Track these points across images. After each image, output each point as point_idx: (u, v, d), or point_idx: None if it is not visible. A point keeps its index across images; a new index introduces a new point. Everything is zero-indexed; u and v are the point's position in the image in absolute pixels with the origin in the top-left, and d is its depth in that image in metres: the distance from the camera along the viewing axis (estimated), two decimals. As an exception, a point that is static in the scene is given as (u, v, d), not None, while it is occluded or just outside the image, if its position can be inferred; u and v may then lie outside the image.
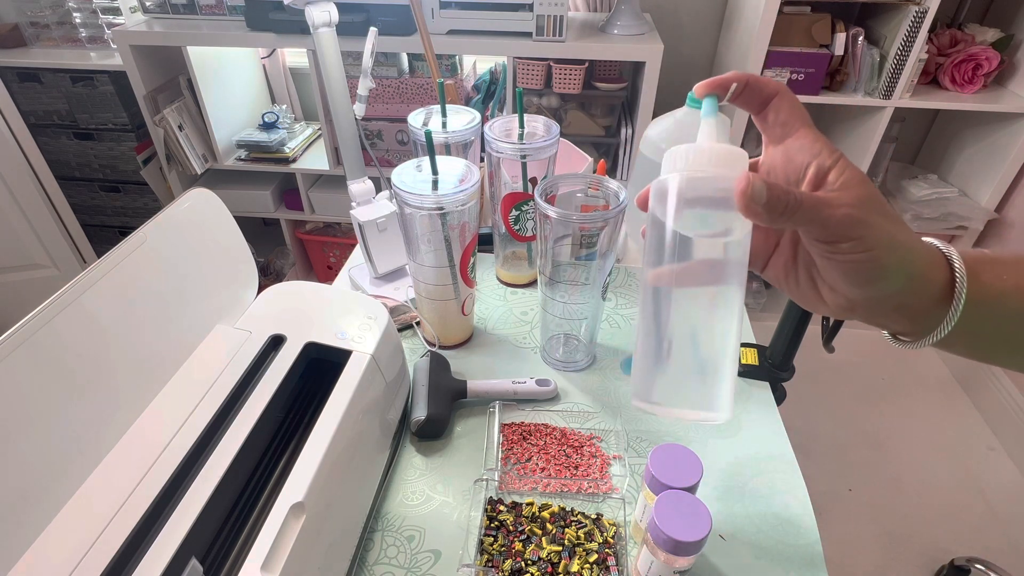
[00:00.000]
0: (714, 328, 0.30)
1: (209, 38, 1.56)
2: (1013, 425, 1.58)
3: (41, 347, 0.38)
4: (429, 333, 0.74)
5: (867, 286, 0.28)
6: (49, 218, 1.75)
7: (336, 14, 0.70)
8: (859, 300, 0.29)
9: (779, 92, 0.30)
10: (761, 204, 0.26)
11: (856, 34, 1.48)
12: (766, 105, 0.30)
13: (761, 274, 0.34)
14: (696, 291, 0.30)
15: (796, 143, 0.29)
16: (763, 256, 0.33)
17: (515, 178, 0.73)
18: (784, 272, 0.33)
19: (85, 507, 0.38)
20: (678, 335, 0.30)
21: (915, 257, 0.28)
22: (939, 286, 0.28)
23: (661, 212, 0.29)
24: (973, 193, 1.68)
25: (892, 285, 0.28)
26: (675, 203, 0.29)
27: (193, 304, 0.52)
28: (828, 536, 0.67)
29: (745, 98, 0.30)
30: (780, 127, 0.30)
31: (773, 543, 0.53)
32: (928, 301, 0.28)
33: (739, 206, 0.26)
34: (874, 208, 0.27)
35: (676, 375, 0.30)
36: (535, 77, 1.55)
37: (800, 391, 1.70)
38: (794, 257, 0.32)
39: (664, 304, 0.30)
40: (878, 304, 0.29)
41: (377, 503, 0.56)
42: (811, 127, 0.29)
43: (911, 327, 0.30)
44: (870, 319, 0.30)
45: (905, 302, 0.29)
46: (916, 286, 0.28)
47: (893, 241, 0.27)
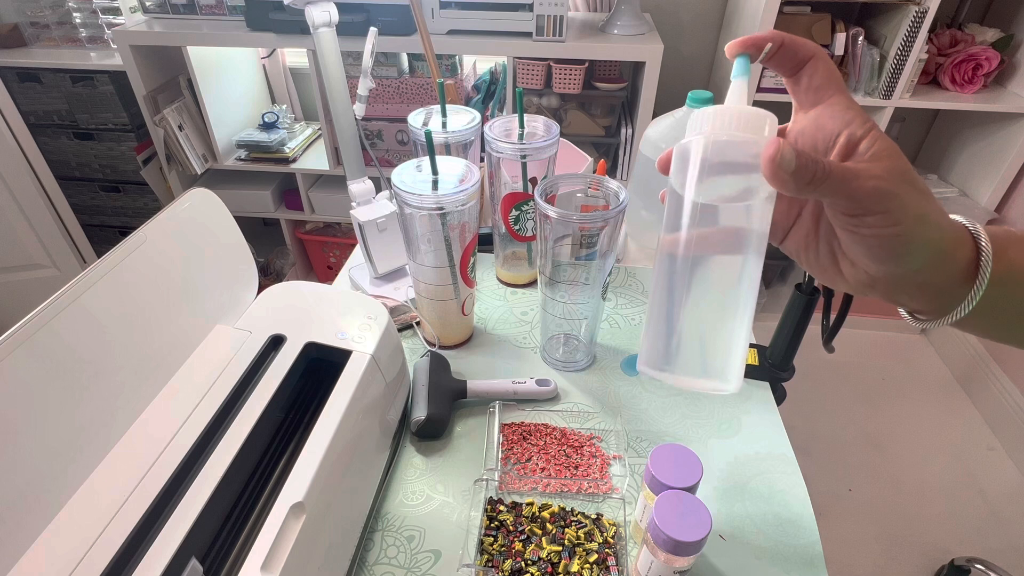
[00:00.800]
0: (729, 297, 0.29)
1: (209, 38, 1.56)
2: (1013, 425, 1.58)
3: (41, 347, 0.38)
4: (429, 333, 0.74)
5: (891, 262, 0.27)
6: (49, 218, 1.75)
7: (336, 14, 0.70)
8: (881, 276, 0.28)
9: (815, 55, 0.29)
10: (789, 172, 0.25)
11: (856, 34, 1.48)
12: (800, 68, 0.29)
13: (780, 246, 0.33)
14: (713, 259, 0.29)
15: (828, 110, 0.28)
16: (783, 227, 0.32)
17: (515, 178, 0.73)
18: (804, 244, 0.32)
19: (85, 507, 0.38)
20: (691, 303, 0.29)
21: (942, 234, 0.27)
22: (964, 264, 0.28)
23: (682, 175, 0.28)
24: (973, 193, 1.68)
25: (917, 261, 0.27)
26: (698, 166, 0.27)
27: (193, 304, 0.52)
28: (828, 536, 0.68)
29: (779, 59, 0.29)
30: (813, 92, 0.29)
31: (773, 543, 0.53)
32: (951, 279, 0.28)
33: (765, 173, 0.25)
34: (904, 180, 0.26)
35: (687, 343, 0.30)
36: (535, 77, 1.55)
37: (800, 391, 1.70)
38: (816, 229, 0.31)
39: (679, 271, 0.29)
40: (900, 280, 0.28)
41: (377, 503, 0.56)
42: (845, 94, 0.28)
43: (931, 305, 0.29)
44: (890, 296, 0.30)
45: (928, 279, 0.28)
46: (940, 263, 0.27)
47: (922, 216, 0.26)
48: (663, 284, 0.30)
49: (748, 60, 0.29)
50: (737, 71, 0.29)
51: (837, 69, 0.29)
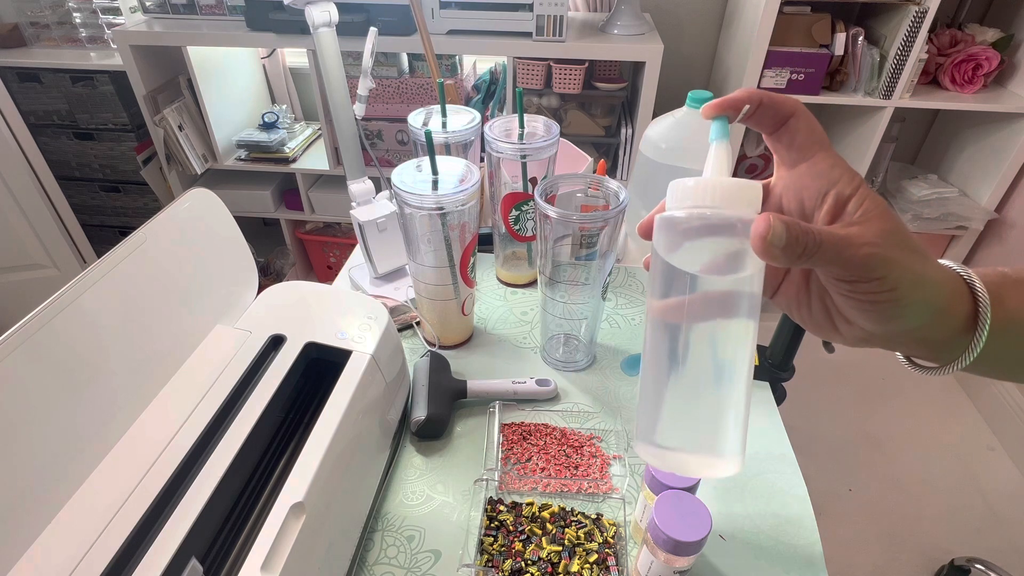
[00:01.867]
0: (724, 367, 0.28)
1: (209, 38, 1.56)
2: (1013, 425, 1.57)
3: (41, 347, 0.38)
4: (429, 333, 0.74)
5: (888, 323, 0.26)
6: (49, 218, 1.75)
7: (336, 14, 0.70)
8: (878, 334, 0.28)
9: (795, 112, 0.28)
10: (780, 248, 0.24)
11: (856, 34, 1.48)
12: (781, 125, 0.28)
13: (771, 300, 0.32)
14: (705, 326, 0.27)
15: (813, 168, 0.27)
16: (772, 283, 0.32)
17: (515, 178, 0.73)
18: (796, 300, 0.31)
19: (85, 507, 0.38)
20: (686, 373, 0.28)
21: (939, 291, 0.26)
22: (962, 318, 0.27)
23: (666, 248, 0.27)
24: (973, 193, 1.68)
25: (914, 321, 0.26)
26: (682, 241, 0.27)
27: (193, 304, 0.52)
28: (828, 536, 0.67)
29: (758, 118, 0.28)
30: (796, 150, 0.28)
31: (773, 543, 0.53)
32: (950, 333, 0.27)
33: (756, 249, 0.24)
34: (897, 243, 0.25)
35: (681, 416, 0.28)
36: (535, 77, 1.55)
37: (800, 391, 1.70)
38: (806, 286, 0.31)
39: (670, 339, 0.28)
40: (899, 337, 0.28)
41: (377, 503, 0.56)
42: (829, 150, 0.27)
43: (932, 356, 0.29)
44: (888, 348, 0.29)
45: (927, 336, 0.27)
46: (939, 321, 0.27)
47: (917, 278, 0.25)
48: (654, 355, 0.29)
49: (726, 122, 0.28)
50: (715, 134, 0.27)
51: (819, 124, 0.28)
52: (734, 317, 0.27)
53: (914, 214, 1.68)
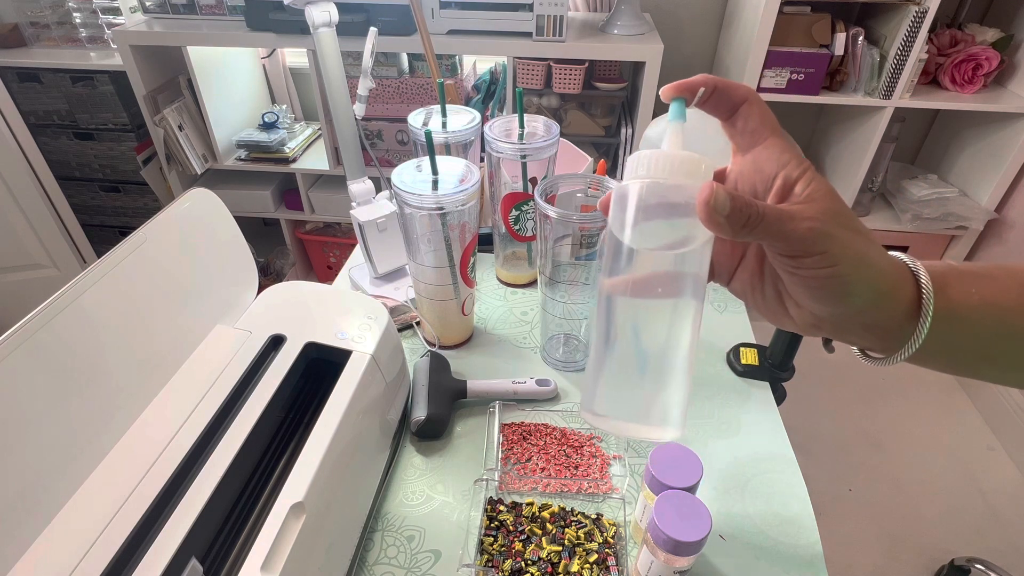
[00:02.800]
0: (667, 341, 0.29)
1: (209, 38, 1.56)
2: (1013, 425, 1.58)
3: (41, 347, 0.38)
4: (429, 333, 0.74)
5: (833, 303, 0.27)
6: (49, 218, 1.76)
7: (336, 14, 0.70)
8: (826, 317, 0.28)
9: (748, 98, 0.29)
10: (723, 215, 0.25)
11: (856, 34, 1.48)
12: (735, 111, 0.29)
13: (727, 287, 0.33)
14: (651, 302, 0.28)
15: (764, 152, 0.28)
16: (728, 269, 0.33)
17: (515, 178, 0.73)
18: (750, 286, 0.32)
19: (85, 507, 0.38)
20: (629, 346, 0.29)
21: (883, 274, 0.27)
22: (906, 303, 0.28)
23: (620, 219, 0.28)
24: (973, 193, 1.68)
25: (858, 302, 0.27)
26: (634, 210, 0.28)
27: (193, 304, 0.52)
28: (828, 536, 0.68)
29: (713, 103, 0.29)
30: (749, 135, 0.29)
31: (773, 543, 0.53)
32: (896, 318, 0.28)
33: (700, 216, 0.25)
34: (840, 222, 0.26)
35: (622, 386, 0.29)
36: (535, 77, 1.55)
37: (800, 391, 1.70)
38: (760, 271, 0.31)
39: (618, 313, 0.29)
40: (845, 322, 0.28)
41: (377, 503, 0.56)
42: (780, 135, 0.29)
43: (880, 344, 0.29)
44: (838, 336, 0.30)
45: (873, 320, 0.28)
46: (883, 304, 0.27)
47: (860, 257, 0.26)
48: (603, 328, 0.29)
49: (683, 104, 0.29)
50: (673, 115, 0.29)
51: (771, 111, 0.29)
52: (680, 296, 0.28)
53: (914, 214, 1.68)
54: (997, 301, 0.28)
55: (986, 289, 0.28)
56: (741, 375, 0.70)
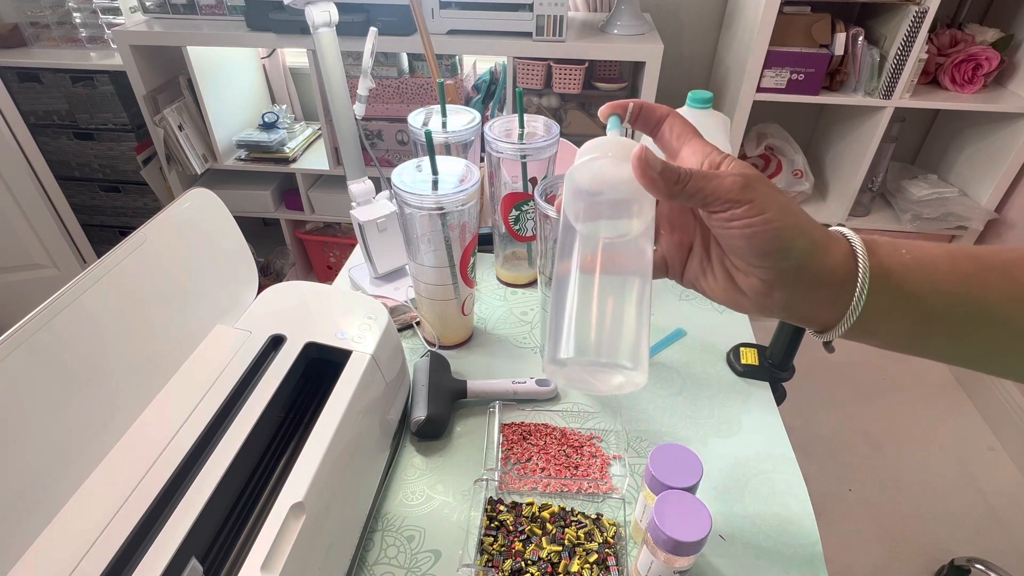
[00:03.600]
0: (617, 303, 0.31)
1: (209, 38, 1.56)
2: (1013, 425, 1.58)
3: (41, 347, 0.38)
4: (429, 333, 0.74)
5: (771, 253, 0.29)
6: (49, 218, 1.75)
7: (336, 14, 0.70)
8: (772, 279, 0.30)
9: (670, 113, 0.34)
10: (657, 171, 0.29)
11: (856, 34, 1.48)
12: (660, 125, 0.34)
13: (681, 282, 0.36)
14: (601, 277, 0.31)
15: (689, 149, 0.32)
16: (679, 262, 0.35)
17: (515, 178, 0.73)
18: (701, 270, 0.34)
19: (85, 507, 0.38)
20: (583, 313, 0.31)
21: (811, 225, 0.29)
22: (842, 258, 0.29)
23: (571, 202, 0.32)
24: (973, 193, 1.68)
25: (795, 251, 0.29)
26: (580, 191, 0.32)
27: (193, 304, 0.52)
28: (828, 536, 0.68)
29: (642, 120, 0.34)
30: (675, 139, 0.33)
31: (773, 543, 0.53)
32: (836, 273, 0.29)
33: (636, 172, 0.29)
34: (760, 181, 0.29)
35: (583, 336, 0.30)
36: (535, 77, 1.55)
37: (800, 391, 1.70)
38: (707, 255, 0.34)
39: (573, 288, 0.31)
40: (790, 279, 0.29)
41: (377, 503, 0.56)
42: (701, 137, 0.33)
43: (829, 312, 0.30)
44: (789, 305, 0.31)
45: (814, 275, 0.29)
46: (820, 255, 0.29)
47: (784, 206, 0.28)
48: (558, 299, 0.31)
49: (619, 119, 0.34)
50: (610, 128, 0.34)
51: (689, 122, 0.34)
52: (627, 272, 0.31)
53: (914, 214, 1.68)
54: (928, 262, 0.30)
55: (916, 251, 0.30)
56: (741, 375, 0.70)
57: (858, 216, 1.75)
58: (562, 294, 0.31)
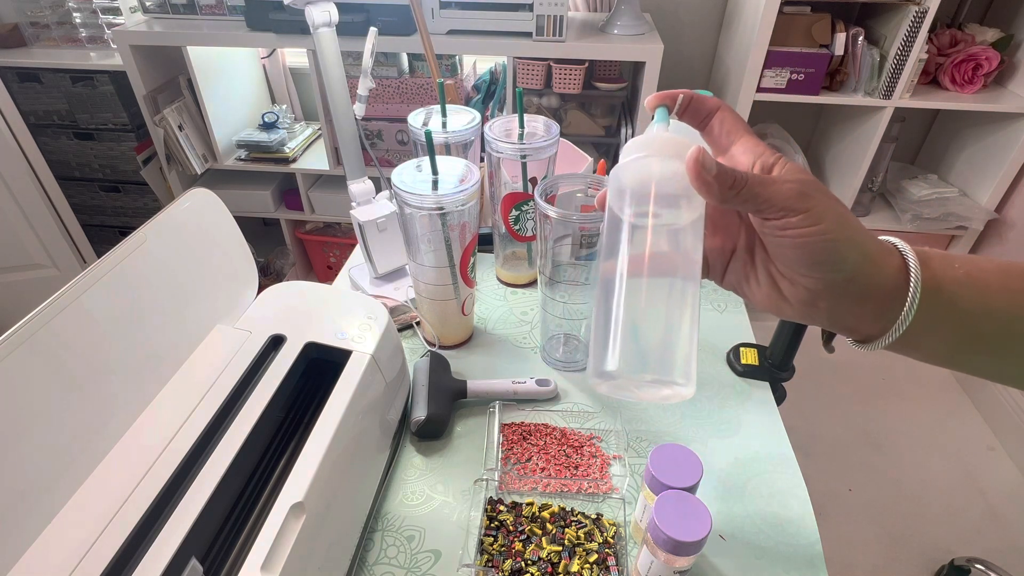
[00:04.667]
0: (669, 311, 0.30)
1: (209, 38, 1.56)
2: (1013, 425, 1.58)
3: (41, 347, 0.38)
4: (429, 333, 0.74)
5: (823, 265, 0.28)
6: (49, 218, 1.75)
7: (336, 14, 0.70)
8: (820, 289, 0.29)
9: (720, 106, 0.32)
10: (712, 175, 0.27)
11: (856, 34, 1.48)
12: (709, 119, 0.32)
13: (722, 283, 0.35)
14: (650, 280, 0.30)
15: (740, 147, 0.31)
16: (722, 264, 0.34)
17: (515, 178, 0.73)
18: (744, 276, 0.33)
19: (85, 507, 0.38)
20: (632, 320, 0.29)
21: (867, 237, 0.28)
22: (894, 271, 0.28)
23: (617, 199, 0.30)
24: (973, 193, 1.68)
25: (847, 266, 0.28)
26: (629, 188, 0.30)
27: (193, 304, 0.52)
28: (828, 536, 0.68)
29: (691, 112, 0.33)
30: (725, 136, 0.32)
31: (773, 543, 0.53)
32: (886, 287, 0.28)
33: (691, 173, 0.27)
34: (817, 188, 0.28)
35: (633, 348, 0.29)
36: (535, 77, 1.55)
37: (800, 391, 1.70)
38: (751, 259, 0.33)
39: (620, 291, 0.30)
40: (839, 291, 0.29)
41: (377, 503, 0.56)
42: (752, 134, 0.31)
43: (873, 324, 0.30)
44: (833, 315, 0.30)
45: (864, 289, 0.28)
46: (871, 269, 0.28)
47: (841, 216, 0.27)
48: (603, 306, 0.30)
49: (667, 111, 0.32)
50: (658, 120, 0.32)
51: (741, 117, 0.32)
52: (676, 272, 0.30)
53: (914, 214, 1.68)
54: (979, 277, 0.29)
55: (969, 266, 0.29)
56: (741, 375, 0.70)
57: (858, 216, 1.73)
58: (608, 298, 0.30)
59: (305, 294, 0.61)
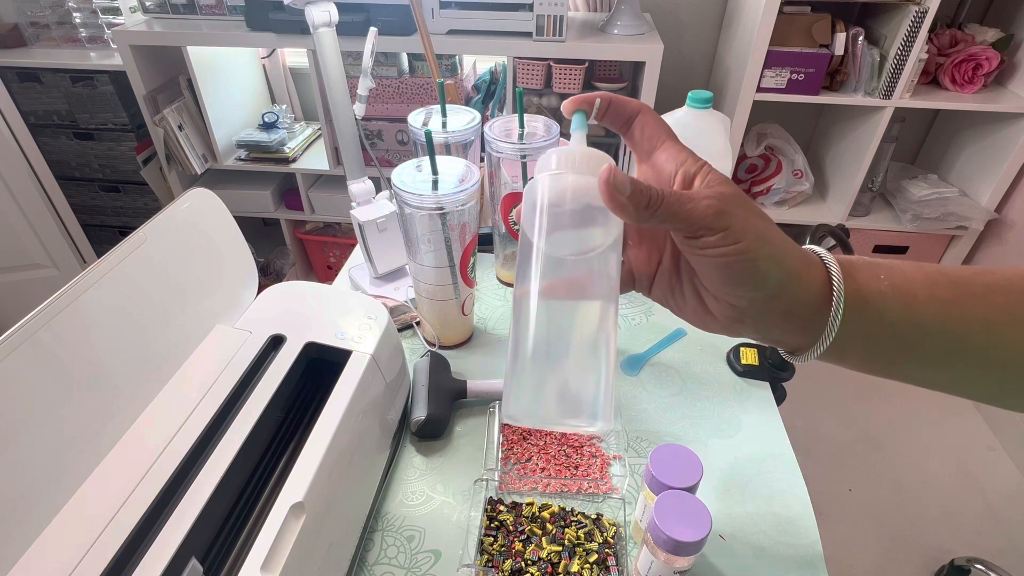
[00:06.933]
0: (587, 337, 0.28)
1: (209, 38, 1.56)
2: (1013, 425, 1.58)
3: (41, 347, 0.38)
4: (429, 333, 0.74)
5: (744, 284, 0.27)
6: (49, 218, 1.75)
7: (336, 14, 0.70)
8: (744, 306, 0.28)
9: (641, 110, 0.31)
10: (625, 195, 0.26)
11: (856, 34, 1.48)
12: (631, 123, 0.31)
13: (648, 295, 0.34)
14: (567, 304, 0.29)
15: (663, 154, 0.30)
16: (647, 276, 0.33)
17: (515, 178, 0.73)
18: (670, 289, 0.32)
19: (85, 507, 0.38)
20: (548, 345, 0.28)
21: (788, 254, 0.27)
22: (817, 285, 0.28)
23: (529, 217, 0.28)
24: (973, 193, 1.68)
25: (769, 283, 0.27)
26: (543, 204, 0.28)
27: (193, 304, 0.52)
28: (828, 536, 0.68)
29: (611, 116, 0.31)
30: (647, 141, 0.31)
31: (773, 543, 0.53)
32: (810, 304, 0.28)
33: (603, 195, 0.26)
34: (737, 203, 0.27)
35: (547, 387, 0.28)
36: (535, 77, 1.55)
37: (800, 391, 1.70)
38: (677, 273, 0.32)
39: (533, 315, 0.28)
40: (762, 308, 0.28)
41: (377, 503, 0.56)
42: (675, 139, 0.30)
43: (801, 337, 0.29)
44: (760, 330, 0.30)
45: (788, 306, 0.28)
46: (794, 285, 0.27)
47: (761, 233, 0.27)
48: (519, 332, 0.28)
49: (584, 116, 0.31)
50: (575, 125, 0.31)
51: (663, 120, 0.31)
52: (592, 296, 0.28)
53: (914, 214, 1.68)
54: (905, 287, 0.28)
55: (895, 277, 0.29)
56: (741, 375, 0.70)
57: (858, 216, 1.75)
58: (518, 327, 0.28)
59: (305, 294, 0.61)
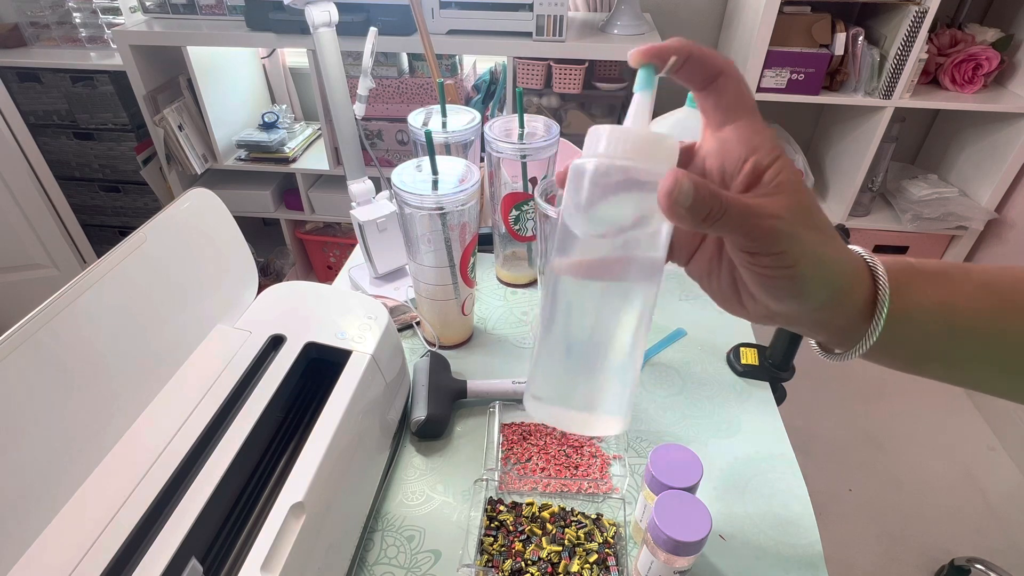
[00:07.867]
0: (616, 327, 0.27)
1: (209, 38, 1.56)
2: (1013, 425, 1.57)
3: (41, 347, 0.38)
4: (429, 333, 0.74)
5: (788, 301, 0.26)
6: (49, 218, 1.75)
7: (336, 14, 0.70)
8: (780, 312, 0.28)
9: (725, 71, 0.26)
10: (685, 207, 0.23)
11: (856, 34, 1.48)
12: (711, 83, 0.27)
13: (685, 268, 0.32)
14: (602, 286, 0.27)
15: (736, 132, 0.26)
16: (688, 250, 0.31)
17: (515, 178, 0.73)
18: (708, 270, 0.31)
19: (85, 507, 0.38)
20: (576, 329, 0.27)
21: (840, 274, 0.26)
22: (861, 302, 0.27)
23: (575, 196, 0.26)
24: (973, 193, 1.68)
25: (815, 301, 0.26)
26: (590, 192, 0.26)
27: (193, 304, 0.52)
28: (828, 536, 0.67)
29: (687, 73, 0.26)
30: (723, 112, 0.27)
31: (773, 543, 0.53)
32: (850, 318, 0.28)
33: (662, 206, 0.24)
34: (803, 220, 0.25)
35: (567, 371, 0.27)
36: (535, 77, 1.55)
37: (800, 391, 1.70)
38: (719, 257, 0.30)
39: (568, 295, 0.27)
40: (798, 318, 0.28)
41: (377, 503, 0.56)
42: (755, 116, 0.26)
43: (833, 340, 0.29)
44: (791, 328, 0.30)
45: (826, 319, 0.28)
46: (838, 303, 0.27)
47: (818, 257, 0.25)
48: (550, 312, 0.27)
49: (652, 72, 0.26)
50: (640, 83, 0.26)
51: (748, 88, 0.27)
52: (634, 280, 0.27)
53: (914, 214, 1.68)
54: (950, 301, 0.28)
55: (943, 289, 0.28)
56: (741, 375, 0.70)
57: (858, 216, 1.75)
58: (553, 306, 0.27)
59: (305, 294, 0.61)
